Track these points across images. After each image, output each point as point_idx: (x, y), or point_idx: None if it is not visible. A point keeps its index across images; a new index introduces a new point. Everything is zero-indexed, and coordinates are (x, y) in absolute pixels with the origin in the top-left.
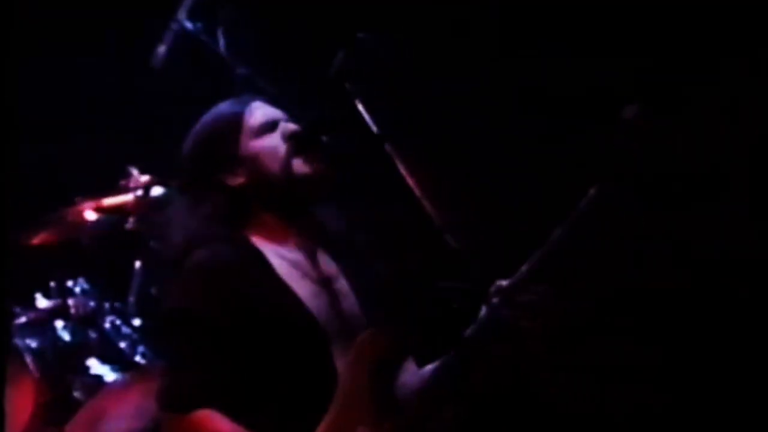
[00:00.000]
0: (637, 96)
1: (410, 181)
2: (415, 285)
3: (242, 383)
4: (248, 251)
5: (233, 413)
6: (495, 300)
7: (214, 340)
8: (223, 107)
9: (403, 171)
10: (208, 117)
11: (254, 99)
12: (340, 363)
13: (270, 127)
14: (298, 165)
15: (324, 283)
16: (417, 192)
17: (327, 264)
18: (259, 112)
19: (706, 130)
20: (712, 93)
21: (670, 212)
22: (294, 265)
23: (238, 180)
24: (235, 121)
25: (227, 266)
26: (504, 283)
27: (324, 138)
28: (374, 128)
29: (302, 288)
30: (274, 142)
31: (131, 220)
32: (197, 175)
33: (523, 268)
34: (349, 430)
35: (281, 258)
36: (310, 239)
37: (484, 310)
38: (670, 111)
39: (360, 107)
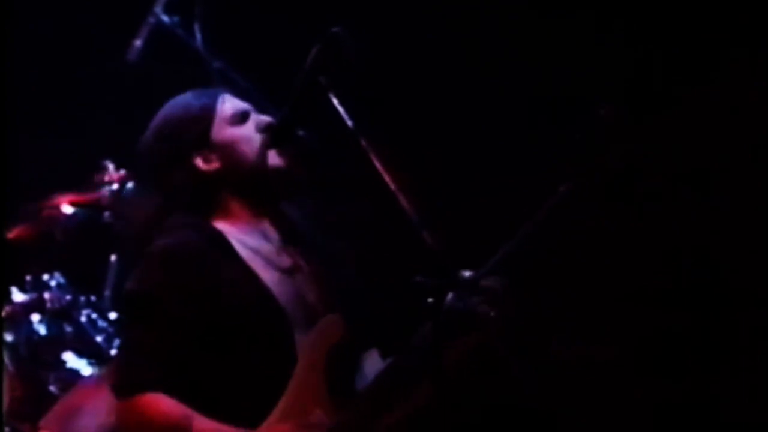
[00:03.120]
0: (615, 94)
1: (386, 177)
2: (390, 281)
3: (198, 368)
4: (213, 237)
5: (188, 396)
6: (460, 288)
7: (168, 324)
8: (190, 97)
9: (378, 166)
10: (174, 105)
11: (221, 91)
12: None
13: (242, 117)
14: (273, 156)
15: (289, 272)
16: (393, 187)
17: (294, 255)
18: (231, 102)
19: (687, 130)
20: (698, 92)
21: (639, 210)
22: (259, 254)
23: (213, 165)
24: (208, 107)
25: (189, 252)
26: (467, 273)
27: (299, 131)
28: (349, 123)
29: (266, 276)
30: (249, 131)
31: (107, 214)
32: (168, 158)
33: (490, 260)
34: (305, 412)
35: (245, 246)
36: (279, 230)
37: (450, 298)
38: (652, 110)
39: (335, 101)
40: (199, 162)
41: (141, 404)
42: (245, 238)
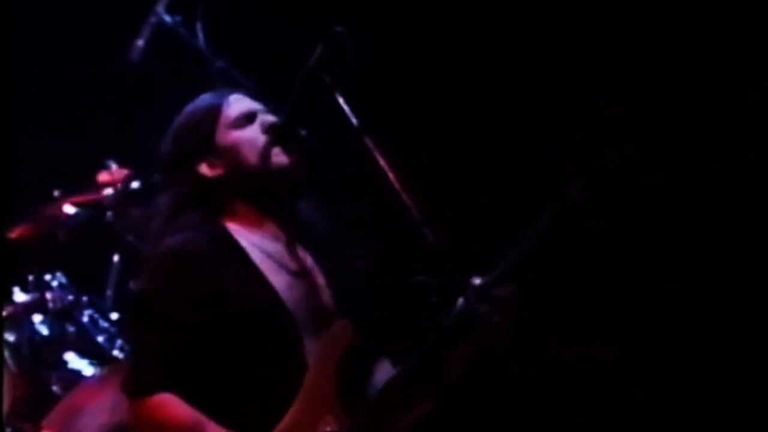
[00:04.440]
0: (615, 94)
1: (388, 176)
2: (393, 280)
3: (206, 370)
4: (223, 240)
5: (197, 399)
6: (470, 294)
7: (177, 326)
8: (202, 99)
9: (382, 164)
10: (186, 109)
11: (233, 92)
12: (312, 354)
13: (248, 118)
14: (277, 156)
15: (299, 275)
16: (396, 186)
17: (303, 257)
18: (238, 104)
19: (687, 130)
20: (698, 92)
21: (639, 210)
22: (269, 256)
23: (217, 171)
24: (213, 111)
25: (197, 254)
26: (479, 279)
27: (302, 131)
28: (354, 122)
29: (276, 279)
30: (252, 133)
31: (109, 214)
32: (174, 165)
33: (501, 264)
34: (316, 419)
35: (256, 249)
36: (287, 232)
37: (460, 304)
38: (652, 110)
39: (340, 100)
40: (203, 169)
41: (153, 406)
42: (256, 240)
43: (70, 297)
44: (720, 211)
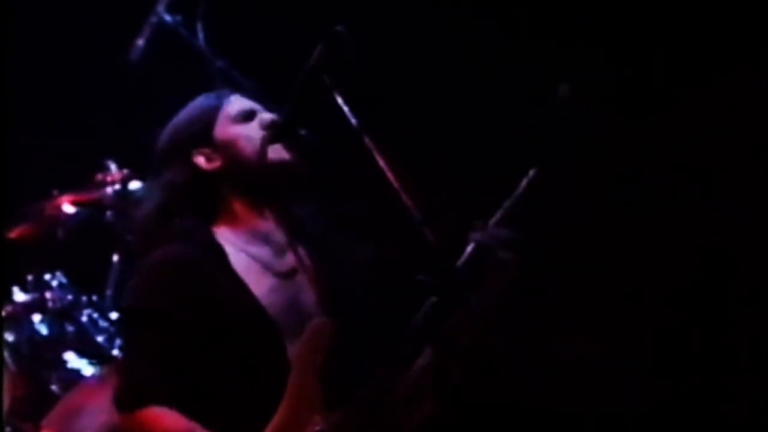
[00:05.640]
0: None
1: (389, 175)
2: (392, 280)
3: (196, 380)
4: (208, 247)
5: (188, 410)
6: (477, 233)
7: (167, 338)
8: (201, 98)
9: (382, 164)
10: (186, 106)
11: (233, 93)
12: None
13: (247, 116)
14: (274, 152)
15: (286, 276)
16: (396, 185)
17: (296, 257)
18: (239, 102)
19: (687, 130)
20: (698, 92)
21: (639, 210)
22: (255, 258)
23: (214, 164)
24: (213, 107)
25: (183, 265)
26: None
27: (302, 130)
28: (353, 121)
29: (259, 283)
30: (251, 129)
31: (108, 213)
32: (169, 156)
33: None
34: (304, 421)
35: (243, 252)
36: (283, 231)
37: (470, 247)
38: (652, 110)
39: (339, 100)
40: (200, 160)
41: (144, 419)
42: (244, 245)
43: (70, 297)
44: (720, 211)
